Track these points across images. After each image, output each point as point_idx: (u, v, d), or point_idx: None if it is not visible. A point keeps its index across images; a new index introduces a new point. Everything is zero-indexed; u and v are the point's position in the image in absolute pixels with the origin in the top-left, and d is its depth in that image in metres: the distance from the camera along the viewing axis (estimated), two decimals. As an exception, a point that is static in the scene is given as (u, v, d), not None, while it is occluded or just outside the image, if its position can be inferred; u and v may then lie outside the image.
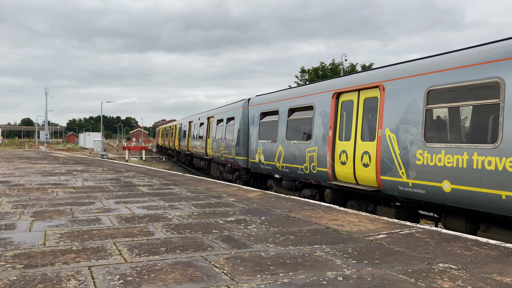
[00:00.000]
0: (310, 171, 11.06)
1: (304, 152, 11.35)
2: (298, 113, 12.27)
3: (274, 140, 13.19)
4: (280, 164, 12.68)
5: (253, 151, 14.76)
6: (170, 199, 8.49)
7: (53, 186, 10.49)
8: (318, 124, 10.93)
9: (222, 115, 19.53)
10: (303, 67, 48.97)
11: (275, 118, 13.43)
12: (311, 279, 3.80)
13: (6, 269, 3.96)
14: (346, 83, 10.23)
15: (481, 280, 3.80)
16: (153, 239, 5.19)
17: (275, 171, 13.18)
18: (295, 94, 12.66)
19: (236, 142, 16.26)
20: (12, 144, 72.39)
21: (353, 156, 9.48)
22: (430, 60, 7.98)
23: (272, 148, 13.21)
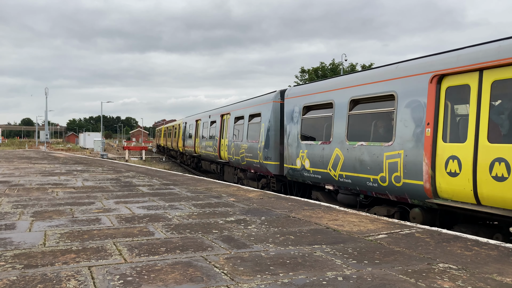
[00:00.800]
0: (390, 184, 8.25)
1: (379, 157, 8.50)
2: (367, 105, 9.36)
3: (326, 141, 10.41)
4: (336, 173, 9.86)
5: (292, 154, 11.91)
6: (170, 199, 8.49)
7: (53, 186, 10.49)
8: (404, 120, 8.03)
9: (242, 112, 16.75)
10: (303, 67, 49.07)
11: (327, 113, 10.58)
12: (311, 279, 3.79)
13: (6, 269, 3.96)
14: (455, 61, 7.28)
15: (481, 280, 3.80)
16: (153, 239, 5.19)
17: (327, 181, 10.39)
18: (361, 80, 9.51)
19: (265, 143, 13.61)
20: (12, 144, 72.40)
21: (473, 165, 6.75)
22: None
23: (324, 151, 10.38)
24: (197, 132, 25.58)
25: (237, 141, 16.74)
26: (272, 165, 13.30)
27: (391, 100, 8.47)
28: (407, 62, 8.50)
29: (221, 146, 19.48)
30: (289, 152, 12.17)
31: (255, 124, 14.98)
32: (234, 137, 17.31)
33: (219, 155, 19.70)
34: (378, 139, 8.91)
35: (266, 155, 13.47)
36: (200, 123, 24.87)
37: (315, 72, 47.11)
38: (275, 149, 13.20)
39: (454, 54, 7.42)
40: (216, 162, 20.79)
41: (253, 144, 14.79)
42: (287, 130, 12.36)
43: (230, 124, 18.19)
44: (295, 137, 11.87)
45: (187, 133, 29.43)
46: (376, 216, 7.03)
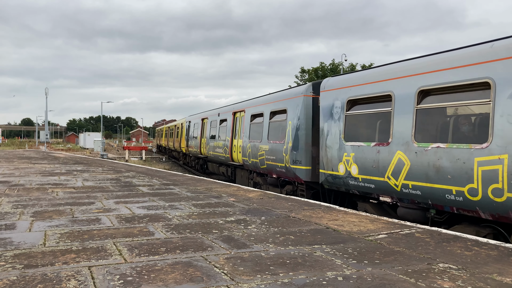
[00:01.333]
0: (484, 198, 6.42)
1: (467, 163, 6.65)
2: (443, 96, 7.44)
3: (382, 143, 8.39)
4: (398, 182, 7.91)
5: (332, 158, 9.90)
6: (170, 199, 8.49)
7: (53, 186, 10.49)
8: (508, 114, 6.24)
9: (260, 108, 14.81)
10: (303, 67, 49.14)
11: (383, 108, 8.59)
12: (311, 279, 3.80)
13: (6, 269, 3.96)
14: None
15: (481, 280, 3.80)
16: (153, 239, 5.19)
17: (382, 192, 8.44)
18: (435, 64, 7.55)
19: (293, 145, 11.68)
20: (12, 144, 72.40)
21: None
22: None
23: (379, 155, 8.39)
24: (203, 132, 23.62)
25: (254, 141, 14.77)
26: (302, 170, 11.38)
27: (485, 89, 6.63)
28: (509, 38, 6.56)
29: (233, 147, 17.57)
30: (327, 155, 10.12)
31: (279, 122, 13.09)
32: (250, 137, 15.34)
33: (230, 157, 17.78)
34: (463, 140, 7.03)
35: (295, 158, 11.58)
36: (207, 122, 22.79)
37: (315, 72, 47.14)
38: (306, 152, 11.33)
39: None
40: (227, 164, 18.97)
41: (276, 146, 12.89)
42: (324, 129, 10.38)
43: (245, 123, 16.22)
44: (336, 137, 9.87)
45: (192, 133, 27.29)
46: (376, 216, 7.03)
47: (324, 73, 46.29)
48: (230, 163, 17.84)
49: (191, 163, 29.20)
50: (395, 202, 8.34)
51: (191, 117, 28.94)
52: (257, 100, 15.68)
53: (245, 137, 15.96)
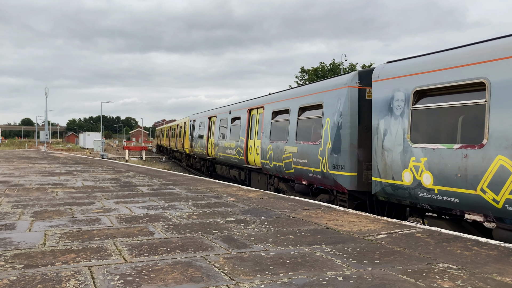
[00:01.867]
0: None
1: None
2: None
3: (471, 145, 6.67)
4: (499, 196, 6.21)
5: (393, 163, 8.07)
6: (170, 199, 8.49)
7: (53, 186, 10.49)
8: None
9: (285, 104, 12.91)
10: (303, 67, 49.08)
11: (470, 99, 6.86)
12: (311, 279, 3.80)
13: (6, 269, 3.96)
14: None
15: (481, 280, 3.80)
16: (153, 239, 5.19)
17: (471, 208, 6.71)
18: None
19: (333, 146, 9.83)
20: (12, 144, 72.40)
21: None
22: None
23: (467, 161, 6.66)
24: (211, 131, 21.71)
25: (277, 142, 12.94)
26: (345, 177, 9.44)
27: None
28: None
29: (248, 148, 15.82)
30: (384, 160, 8.29)
31: (312, 120, 11.21)
32: (272, 137, 13.50)
33: (245, 159, 15.95)
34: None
35: (335, 163, 9.74)
36: (216, 121, 20.83)
37: (315, 72, 47.13)
38: (350, 155, 9.38)
39: None
40: (240, 167, 17.07)
41: (308, 148, 11.05)
42: (379, 127, 8.54)
43: (264, 121, 14.35)
44: (398, 137, 8.06)
45: (197, 132, 25.23)
46: (376, 216, 7.03)
47: (324, 73, 46.28)
48: (245, 166, 15.99)
49: (195, 165, 27.15)
50: (489, 221, 6.65)
51: (195, 116, 26.89)
52: (280, 95, 13.76)
53: (264, 137, 14.13)
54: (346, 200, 9.79)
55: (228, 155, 18.09)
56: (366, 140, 9.28)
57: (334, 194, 10.34)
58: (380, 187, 8.47)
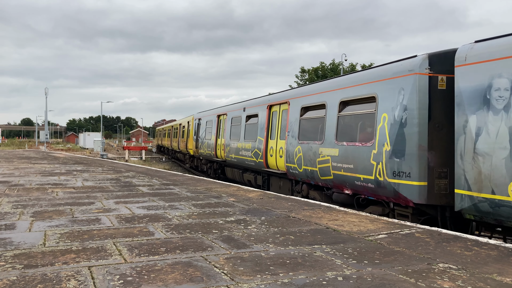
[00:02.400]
0: None
1: None
2: None
3: None
4: None
5: (493, 173, 6.39)
6: (170, 199, 8.49)
7: (53, 186, 10.49)
8: None
9: (319, 98, 11.08)
10: (303, 67, 49.09)
11: None
12: (311, 279, 3.80)
13: (6, 269, 3.96)
14: None
15: (481, 280, 3.80)
16: (153, 239, 5.19)
17: None
18: None
19: (393, 148, 8.14)
20: (12, 144, 72.43)
21: None
22: None
23: None
24: (220, 131, 19.86)
25: (309, 142, 11.11)
26: (412, 187, 7.72)
27: None
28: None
29: (269, 150, 13.90)
30: (479, 167, 6.60)
31: (361, 116, 9.41)
32: (301, 137, 11.66)
33: (265, 162, 14.04)
34: None
35: (397, 169, 8.02)
36: (226, 120, 18.93)
37: (315, 72, 47.12)
38: (419, 159, 7.68)
39: None
40: (257, 171, 15.27)
41: (355, 150, 9.22)
42: (468, 125, 6.87)
43: (290, 118, 12.43)
44: (501, 138, 6.34)
45: (203, 132, 23.34)
46: (376, 216, 7.03)
47: (324, 73, 46.27)
48: (264, 170, 14.16)
49: (201, 167, 24.98)
50: None
51: (201, 114, 24.94)
52: (312, 88, 11.90)
53: (291, 137, 12.19)
54: (409, 215, 8.07)
55: (242, 157, 16.16)
56: (439, 140, 7.67)
57: (390, 207, 8.61)
58: (470, 203, 6.72)
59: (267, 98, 15.29)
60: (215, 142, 20.38)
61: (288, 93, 13.62)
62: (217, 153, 19.95)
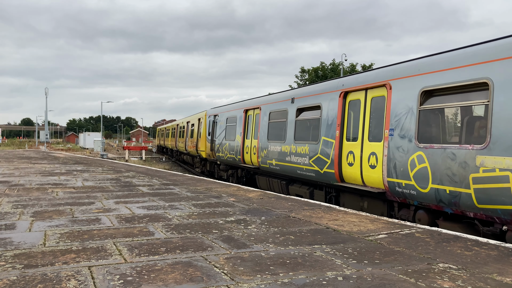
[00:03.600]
0: None
1: None
2: None
3: None
4: None
5: None
6: (170, 199, 8.49)
7: (53, 186, 10.49)
8: None
9: (455, 74, 7.03)
10: (303, 67, 49.06)
11: None
12: (311, 279, 3.80)
13: (6, 269, 3.96)
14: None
15: (481, 280, 3.80)
16: (153, 239, 5.19)
17: None
18: None
19: None
20: (12, 144, 72.42)
21: None
22: None
23: None
24: (249, 130, 16.01)
25: (447, 147, 7.03)
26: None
27: None
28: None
29: (343, 156, 9.83)
30: None
31: None
32: (421, 139, 7.62)
33: (337, 173, 9.90)
34: None
35: None
36: (260, 115, 14.87)
37: (315, 72, 47.13)
38: None
39: None
40: (317, 184, 11.29)
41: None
42: None
43: (398, 110, 8.15)
44: None
45: (221, 131, 19.29)
46: (376, 216, 7.03)
47: (324, 73, 46.29)
48: (334, 184, 10.22)
49: (219, 173, 20.55)
50: None
51: (217, 110, 21.01)
52: (447, 57, 7.42)
53: (400, 139, 8.00)
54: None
55: (292, 165, 12.13)
56: None
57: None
58: None
59: (338, 82, 10.57)
60: (241, 144, 16.37)
61: (383, 71, 9.05)
62: (245, 158, 15.99)
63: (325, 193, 11.09)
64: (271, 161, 13.63)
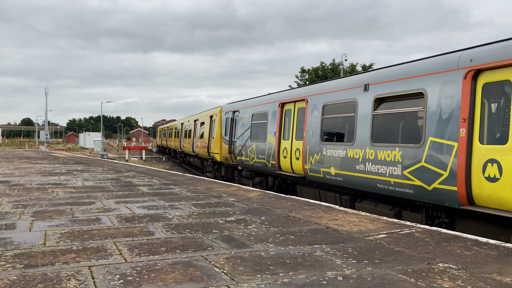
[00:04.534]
0: None
1: None
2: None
3: None
4: None
5: None
6: (170, 199, 8.50)
7: (53, 186, 10.49)
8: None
9: None
10: (303, 67, 49.04)
11: None
12: (311, 279, 3.80)
13: (6, 269, 3.97)
14: None
15: (481, 280, 3.80)
16: (153, 239, 5.19)
17: None
18: None
19: None
20: (12, 144, 72.42)
21: None
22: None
23: None
24: (286, 128, 12.92)
25: None
26: None
27: None
28: None
29: (479, 168, 6.62)
30: None
31: None
32: None
33: (464, 191, 6.78)
34: None
35: None
36: (306, 109, 11.64)
37: (315, 72, 47.12)
38: None
39: None
40: (414, 203, 8.12)
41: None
42: None
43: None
44: None
45: (243, 130, 16.13)
46: (376, 216, 7.03)
47: (324, 73, 46.28)
48: (449, 206, 7.21)
49: (241, 180, 17.05)
50: None
51: (236, 105, 17.93)
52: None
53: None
54: None
55: (366, 176, 8.97)
56: None
57: None
58: None
59: (472, 51, 7.19)
60: (276, 146, 13.03)
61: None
62: (282, 164, 12.76)
63: (425, 216, 8.10)
64: (327, 169, 10.39)
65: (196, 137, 25.54)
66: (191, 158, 28.68)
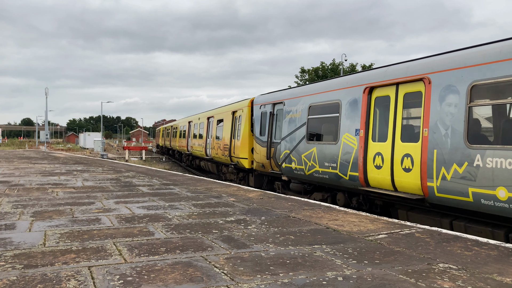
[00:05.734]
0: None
1: None
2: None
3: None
4: None
5: None
6: (170, 199, 8.49)
7: (53, 186, 10.49)
8: None
9: None
10: (303, 67, 49.05)
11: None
12: (311, 279, 3.79)
13: (6, 269, 3.96)
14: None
15: (481, 280, 3.80)
16: (153, 239, 5.19)
17: None
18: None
19: None
20: (12, 144, 72.42)
21: None
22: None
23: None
24: (380, 124, 9.11)
25: None
26: None
27: None
28: None
29: None
30: None
31: None
32: None
33: None
34: None
35: None
36: (426, 94, 7.69)
37: (315, 72, 47.13)
38: None
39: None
40: None
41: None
42: None
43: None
44: None
45: (291, 129, 12.33)
46: (376, 216, 7.03)
47: (324, 73, 46.29)
48: None
49: (290, 194, 12.03)
50: None
51: (278, 95, 14.13)
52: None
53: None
54: None
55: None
56: None
57: None
58: None
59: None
60: (361, 149, 9.21)
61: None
62: (371, 177, 8.99)
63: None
64: (488, 191, 6.41)
65: (212, 138, 21.38)
66: (203, 162, 24.40)
